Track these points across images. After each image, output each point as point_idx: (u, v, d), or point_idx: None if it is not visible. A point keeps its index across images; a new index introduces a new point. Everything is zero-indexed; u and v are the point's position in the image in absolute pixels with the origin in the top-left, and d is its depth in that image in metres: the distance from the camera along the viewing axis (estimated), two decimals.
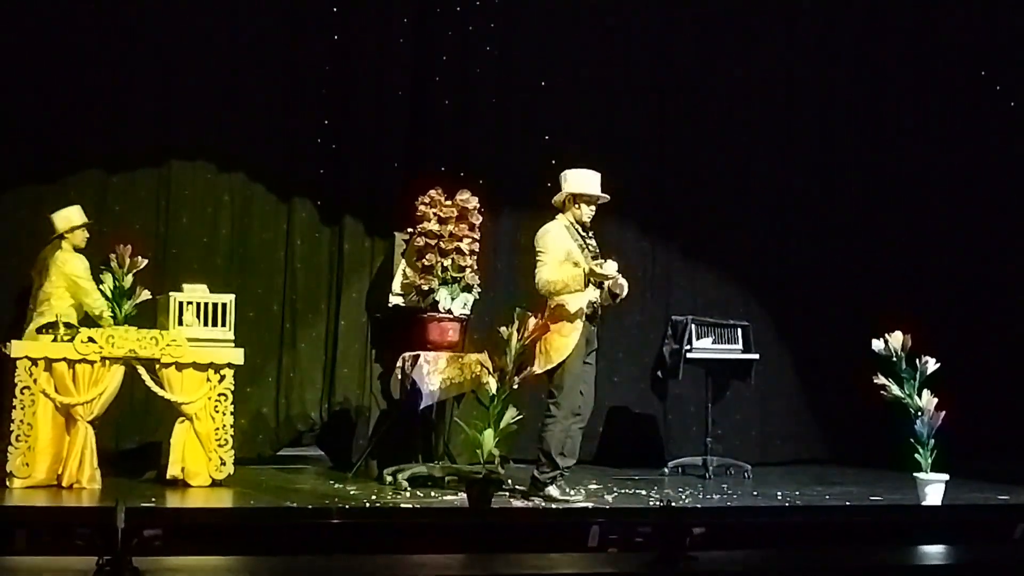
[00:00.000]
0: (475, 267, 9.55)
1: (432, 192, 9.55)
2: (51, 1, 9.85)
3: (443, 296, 9.36)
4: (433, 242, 9.40)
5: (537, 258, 8.42)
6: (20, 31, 9.74)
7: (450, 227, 9.41)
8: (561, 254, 8.38)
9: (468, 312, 9.55)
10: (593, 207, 8.60)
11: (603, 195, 8.64)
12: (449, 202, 9.53)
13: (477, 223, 9.61)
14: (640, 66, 11.51)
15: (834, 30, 12.07)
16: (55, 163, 9.84)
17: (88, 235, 9.16)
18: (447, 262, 9.39)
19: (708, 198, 11.63)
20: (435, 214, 9.44)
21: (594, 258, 8.41)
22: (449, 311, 9.39)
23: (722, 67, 11.71)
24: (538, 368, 8.44)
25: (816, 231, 11.93)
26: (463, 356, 9.37)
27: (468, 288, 9.47)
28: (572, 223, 8.54)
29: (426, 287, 9.37)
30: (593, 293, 8.40)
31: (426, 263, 9.38)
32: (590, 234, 8.59)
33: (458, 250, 9.42)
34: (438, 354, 9.34)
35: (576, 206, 8.56)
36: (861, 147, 12.11)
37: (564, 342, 8.38)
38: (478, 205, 9.64)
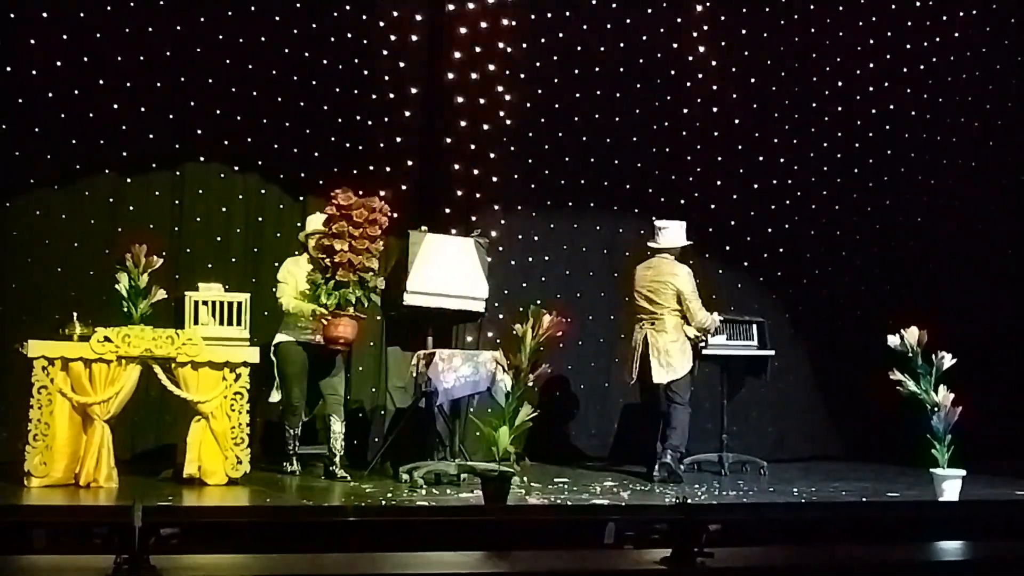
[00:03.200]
0: (357, 264, 9.09)
1: (338, 192, 9.29)
2: (65, 6, 9.86)
3: (320, 292, 9.06)
4: (338, 242, 9.14)
5: (692, 298, 9.83)
6: (35, 35, 9.77)
7: (332, 225, 9.10)
8: None
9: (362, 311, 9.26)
10: None
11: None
12: (354, 202, 9.20)
13: (383, 224, 9.23)
14: (656, 62, 11.50)
15: (852, 28, 12.03)
16: (70, 165, 9.87)
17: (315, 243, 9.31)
18: (354, 259, 9.13)
19: (723, 195, 11.63)
20: (339, 214, 9.24)
21: None
22: (324, 306, 9.03)
23: (739, 65, 11.70)
24: (658, 378, 9.75)
25: (832, 227, 11.92)
26: (478, 354, 9.36)
27: (343, 284, 9.21)
28: None
29: (332, 286, 9.09)
30: None
31: (331, 261, 9.16)
32: None
33: (354, 249, 9.12)
34: (453, 352, 9.33)
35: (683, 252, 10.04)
36: (877, 144, 12.09)
37: (686, 358, 9.78)
38: (384, 207, 9.28)
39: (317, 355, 9.37)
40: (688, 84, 11.59)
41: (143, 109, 10.04)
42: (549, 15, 11.17)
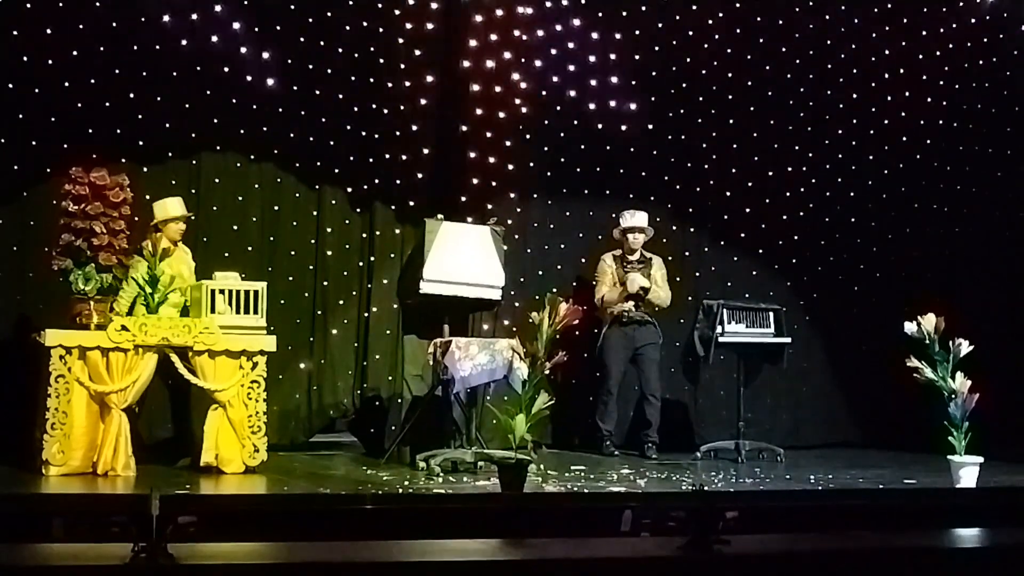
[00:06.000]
0: (117, 247, 8.95)
1: (73, 170, 9.04)
2: None
3: (76, 277, 8.86)
4: (69, 221, 8.89)
5: (594, 281, 10.67)
6: (52, 25, 9.77)
7: (85, 206, 8.89)
8: (609, 279, 10.55)
9: (105, 294, 8.94)
10: (638, 236, 10.55)
11: (646, 228, 10.60)
12: (109, 181, 9.01)
13: (118, 201, 9.01)
14: (671, 50, 11.48)
15: (868, 15, 11.98)
16: (86, 154, 9.86)
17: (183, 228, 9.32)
18: (80, 242, 8.86)
19: (739, 182, 11.61)
20: (70, 192, 8.94)
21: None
22: (83, 292, 8.82)
23: (751, 51, 11.66)
24: None
25: (848, 214, 11.89)
26: (495, 342, 9.37)
27: (105, 268, 8.91)
28: (622, 252, 10.60)
29: (58, 267, 8.87)
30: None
31: (61, 243, 8.92)
32: (640, 258, 10.65)
33: (91, 230, 8.87)
34: (469, 340, 9.35)
35: (624, 238, 10.57)
36: (894, 130, 12.05)
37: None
38: (122, 182, 9.06)
39: None
40: (703, 72, 11.56)
41: (159, 99, 10.04)
42: (564, 2, 11.14)
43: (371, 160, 10.58)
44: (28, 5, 9.71)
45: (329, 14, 10.48)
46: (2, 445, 8.98)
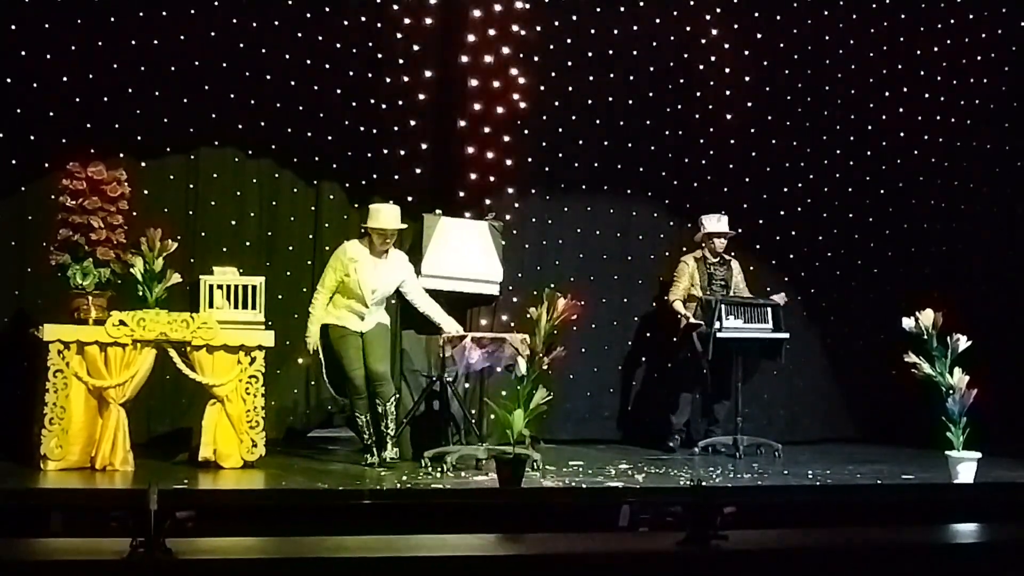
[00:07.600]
0: (115, 242, 8.90)
1: (70, 165, 8.99)
2: None
3: (74, 272, 8.81)
4: (67, 216, 8.84)
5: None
6: (50, 19, 9.75)
7: (83, 201, 8.84)
8: (687, 280, 10.59)
9: (103, 288, 8.90)
10: (723, 240, 10.63)
11: (729, 231, 10.68)
12: (81, 175, 8.92)
13: (116, 196, 8.96)
14: (669, 45, 11.47)
15: (865, 11, 11.98)
16: (84, 149, 9.85)
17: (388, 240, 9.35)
18: (78, 237, 8.80)
19: (736, 178, 11.60)
20: (68, 187, 8.89)
21: (723, 283, 10.63)
22: (81, 287, 8.78)
23: (749, 47, 11.66)
24: None
25: (845, 209, 11.89)
26: (506, 336, 9.33)
27: (103, 263, 8.85)
28: (704, 256, 10.65)
29: (56, 262, 8.84)
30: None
31: (59, 238, 8.87)
32: (720, 260, 10.72)
33: (89, 225, 8.82)
34: (482, 335, 9.32)
35: (710, 242, 10.62)
36: (891, 126, 12.04)
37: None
38: (119, 177, 9.00)
39: None
40: (701, 67, 11.55)
41: (157, 93, 10.02)
42: None
43: (369, 155, 10.57)
44: (26, 0, 9.70)
45: (327, 9, 10.46)
46: (0, 440, 8.98)
